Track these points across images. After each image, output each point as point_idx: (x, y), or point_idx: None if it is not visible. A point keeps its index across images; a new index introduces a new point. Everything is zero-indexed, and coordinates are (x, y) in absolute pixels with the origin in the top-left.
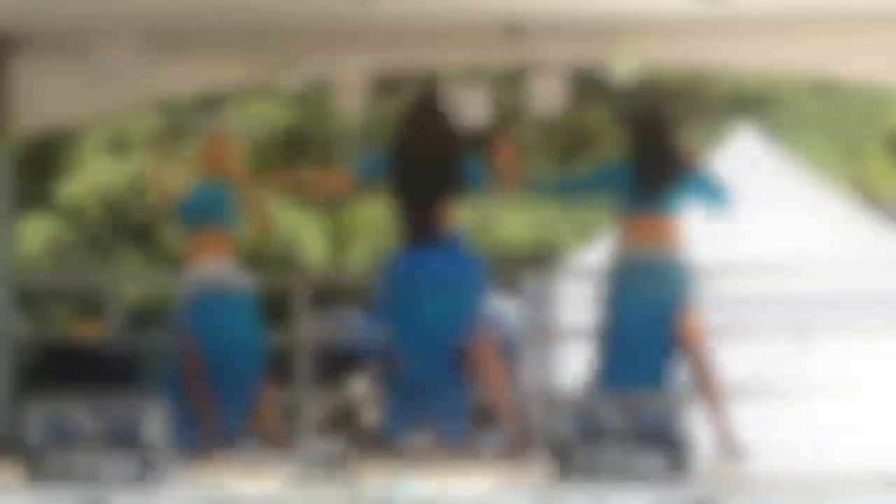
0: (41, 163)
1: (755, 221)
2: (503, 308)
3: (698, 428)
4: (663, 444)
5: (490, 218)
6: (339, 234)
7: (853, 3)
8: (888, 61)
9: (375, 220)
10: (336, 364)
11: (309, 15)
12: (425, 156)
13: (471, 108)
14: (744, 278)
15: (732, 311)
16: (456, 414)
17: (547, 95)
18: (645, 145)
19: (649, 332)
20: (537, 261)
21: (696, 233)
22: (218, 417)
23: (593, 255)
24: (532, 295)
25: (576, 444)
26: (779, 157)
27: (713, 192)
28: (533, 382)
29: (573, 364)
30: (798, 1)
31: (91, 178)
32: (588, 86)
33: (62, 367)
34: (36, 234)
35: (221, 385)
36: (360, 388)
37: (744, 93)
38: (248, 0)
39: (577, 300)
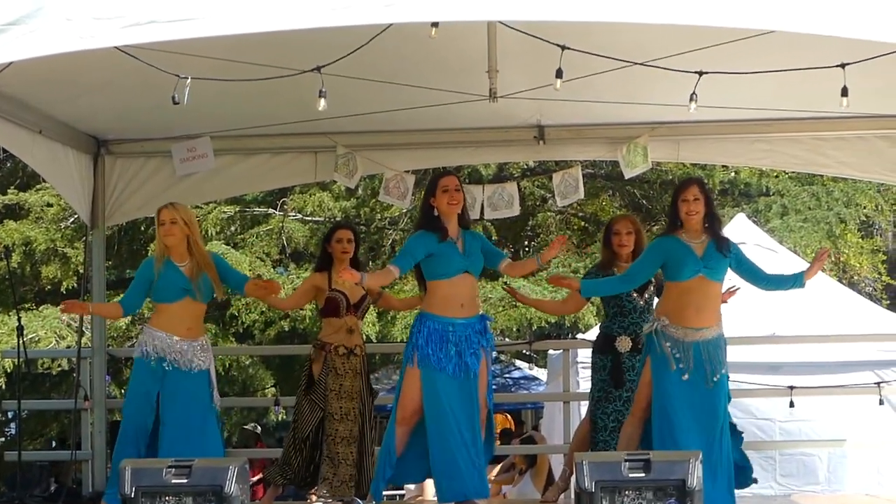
0: (129, 246)
1: (746, 297)
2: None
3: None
4: (676, 495)
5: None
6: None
7: (827, 109)
8: (858, 156)
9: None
10: None
11: (362, 120)
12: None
13: (502, 199)
14: (739, 347)
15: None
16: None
17: (567, 188)
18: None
19: None
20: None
21: None
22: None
23: None
24: (556, 363)
25: (598, 494)
26: (767, 240)
27: None
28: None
29: None
30: (782, 108)
31: None
32: (602, 179)
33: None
34: None
35: None
36: None
37: (737, 184)
38: (308, 110)
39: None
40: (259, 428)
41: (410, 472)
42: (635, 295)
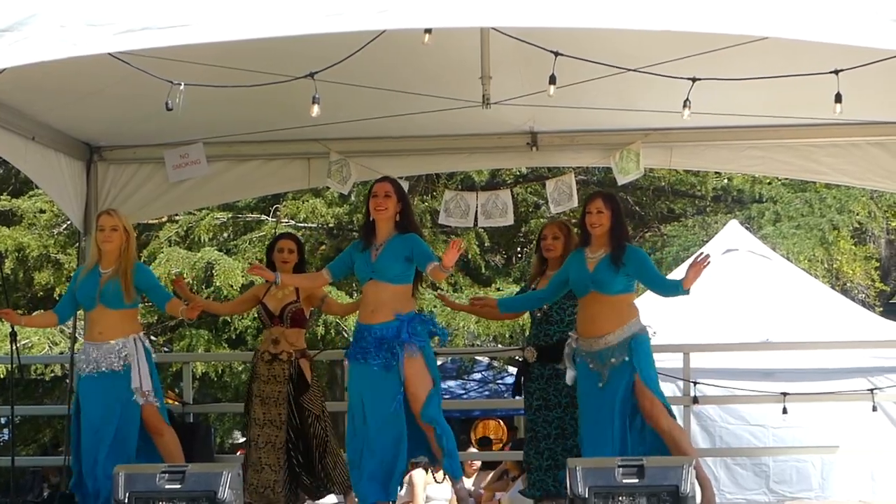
0: None
1: (739, 303)
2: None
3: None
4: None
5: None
6: None
7: (821, 115)
8: (852, 163)
9: None
10: None
11: (356, 126)
12: None
13: (496, 207)
14: (732, 353)
15: (723, 382)
16: None
17: (561, 195)
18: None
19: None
20: None
21: (688, 313)
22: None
23: None
24: None
25: (592, 500)
26: (760, 246)
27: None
28: None
29: None
30: (776, 114)
31: (165, 266)
32: (595, 185)
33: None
34: None
35: None
36: None
37: (730, 190)
38: (301, 116)
39: None
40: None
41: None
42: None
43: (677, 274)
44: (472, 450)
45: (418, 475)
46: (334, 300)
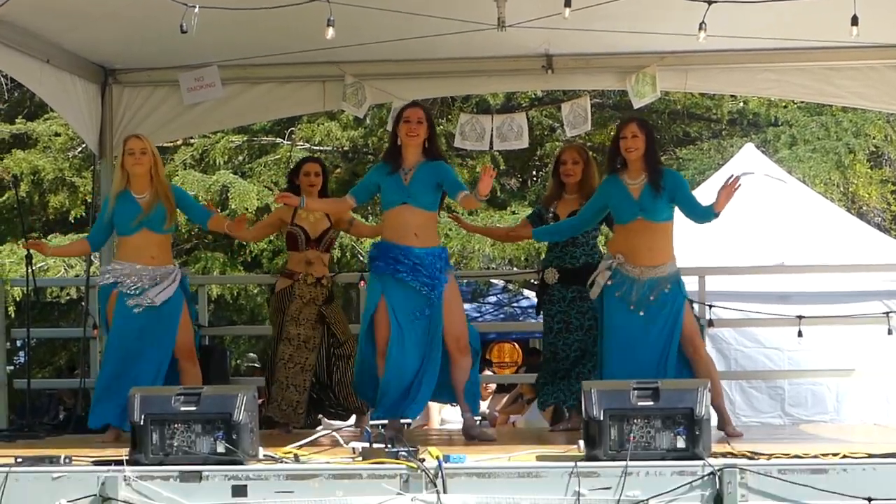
0: None
1: (755, 226)
2: None
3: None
4: (684, 423)
5: None
6: None
7: (837, 38)
8: (868, 86)
9: None
10: None
11: (371, 49)
12: None
13: (511, 130)
14: (748, 276)
15: (739, 305)
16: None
17: (576, 118)
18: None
19: None
20: None
21: (704, 238)
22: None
23: None
24: None
25: (606, 423)
26: (776, 170)
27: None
28: None
29: None
30: (792, 37)
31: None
32: (611, 109)
33: None
34: None
35: None
36: None
37: (745, 114)
38: (316, 39)
39: None
40: (256, 358)
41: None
42: None
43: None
44: (487, 372)
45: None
46: (362, 222)
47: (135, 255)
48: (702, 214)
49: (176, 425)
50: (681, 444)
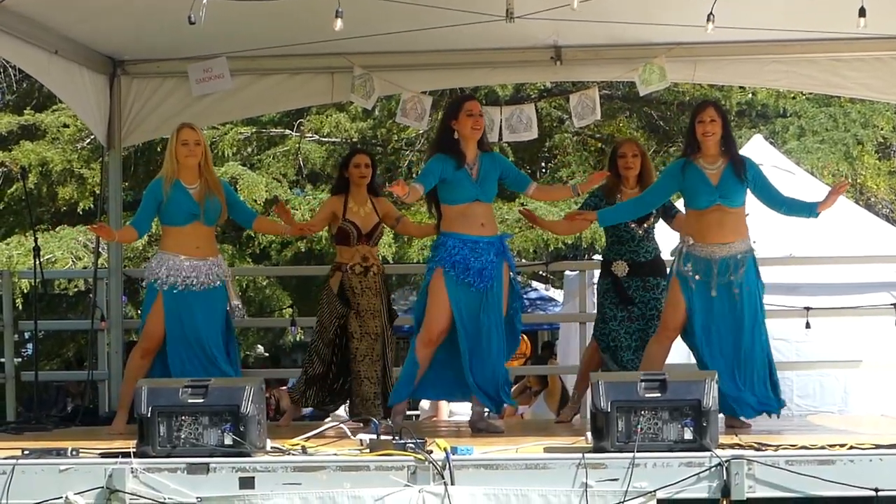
0: (146, 167)
1: (763, 218)
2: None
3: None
4: (692, 415)
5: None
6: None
7: (845, 29)
8: (876, 77)
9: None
10: None
11: (379, 41)
12: None
13: (520, 122)
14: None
15: None
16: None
17: (585, 109)
18: None
19: None
20: (578, 255)
21: None
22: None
23: None
24: (573, 284)
25: (614, 414)
26: (784, 161)
27: None
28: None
29: None
30: (800, 28)
31: None
32: (619, 100)
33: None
34: None
35: None
36: None
37: (754, 105)
38: (325, 30)
39: None
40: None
41: (427, 390)
42: (633, 225)
43: None
44: None
45: None
46: (410, 220)
47: (181, 246)
48: (796, 208)
49: (183, 417)
50: (688, 435)
